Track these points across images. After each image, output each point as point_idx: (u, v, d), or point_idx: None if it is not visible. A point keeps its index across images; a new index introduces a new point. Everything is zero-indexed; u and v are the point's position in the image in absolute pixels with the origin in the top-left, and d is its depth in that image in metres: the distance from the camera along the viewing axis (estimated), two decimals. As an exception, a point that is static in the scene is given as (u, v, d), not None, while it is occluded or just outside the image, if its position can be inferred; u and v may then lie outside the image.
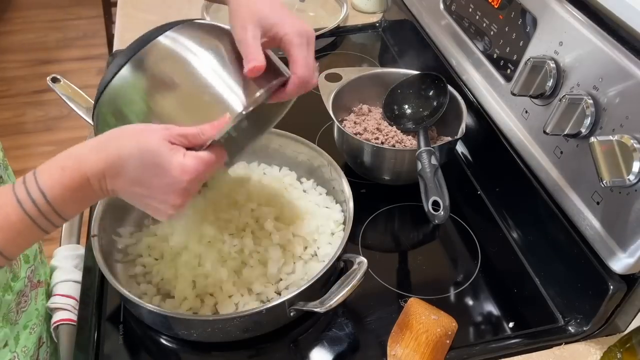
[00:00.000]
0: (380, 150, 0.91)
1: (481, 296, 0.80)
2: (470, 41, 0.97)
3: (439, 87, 0.96)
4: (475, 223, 0.90)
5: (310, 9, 1.45)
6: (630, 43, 0.66)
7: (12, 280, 0.75)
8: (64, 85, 0.88)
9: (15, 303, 0.75)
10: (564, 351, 0.74)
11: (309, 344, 0.74)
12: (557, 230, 0.77)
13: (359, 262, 0.71)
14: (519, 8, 0.83)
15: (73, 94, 0.88)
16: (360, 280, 0.69)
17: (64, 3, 3.50)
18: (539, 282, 0.81)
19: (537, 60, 0.75)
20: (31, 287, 0.80)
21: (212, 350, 0.75)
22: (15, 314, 0.75)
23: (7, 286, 0.73)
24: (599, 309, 0.72)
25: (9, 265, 0.74)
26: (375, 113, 1.01)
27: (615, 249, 0.67)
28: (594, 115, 0.67)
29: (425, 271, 0.85)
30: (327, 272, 0.72)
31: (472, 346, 0.74)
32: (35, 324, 0.80)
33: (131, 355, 0.75)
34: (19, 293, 0.76)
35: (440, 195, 0.80)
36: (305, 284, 0.70)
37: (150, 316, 0.74)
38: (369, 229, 0.90)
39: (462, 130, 0.90)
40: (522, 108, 0.82)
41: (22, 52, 3.10)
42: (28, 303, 0.78)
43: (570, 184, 0.74)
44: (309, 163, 0.92)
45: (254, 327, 0.72)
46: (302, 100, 1.00)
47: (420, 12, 1.16)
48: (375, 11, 1.43)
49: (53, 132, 2.60)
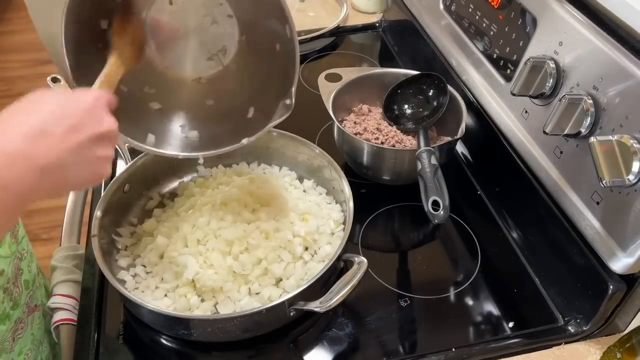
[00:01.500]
0: (380, 150, 0.91)
1: (481, 296, 0.80)
2: (470, 41, 0.97)
3: (438, 87, 0.96)
4: (475, 223, 0.90)
5: (310, 9, 1.45)
6: (630, 43, 0.66)
7: (11, 309, 0.73)
8: (64, 85, 0.88)
9: (12, 331, 0.74)
10: (563, 351, 0.74)
11: (309, 344, 0.74)
12: (557, 230, 0.77)
13: (359, 262, 0.72)
14: (518, 8, 0.83)
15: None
16: (359, 280, 0.69)
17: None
18: (538, 282, 0.81)
19: (537, 60, 0.75)
20: (28, 312, 0.78)
21: (212, 350, 0.75)
22: (10, 342, 0.74)
23: (3, 316, 0.72)
24: (598, 309, 0.72)
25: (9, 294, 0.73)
26: (375, 113, 1.01)
27: (615, 249, 0.67)
28: (593, 115, 0.67)
29: (425, 271, 0.85)
30: (327, 272, 0.72)
31: (472, 346, 0.74)
32: (30, 349, 0.78)
33: (131, 355, 0.75)
34: (17, 321, 0.75)
35: (440, 195, 0.80)
36: (305, 284, 0.70)
37: (151, 316, 0.74)
38: (369, 229, 0.90)
39: (462, 130, 0.90)
40: (522, 108, 0.82)
41: (23, 52, 3.09)
42: (24, 329, 0.77)
43: (570, 184, 0.74)
44: (309, 163, 0.92)
45: (254, 327, 0.72)
46: (302, 100, 1.01)
47: (420, 12, 1.16)
48: (375, 11, 1.43)
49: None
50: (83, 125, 0.53)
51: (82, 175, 0.55)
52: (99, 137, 0.55)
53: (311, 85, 1.17)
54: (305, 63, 1.28)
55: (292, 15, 0.68)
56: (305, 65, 1.28)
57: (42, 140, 0.50)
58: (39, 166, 0.50)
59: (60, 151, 0.51)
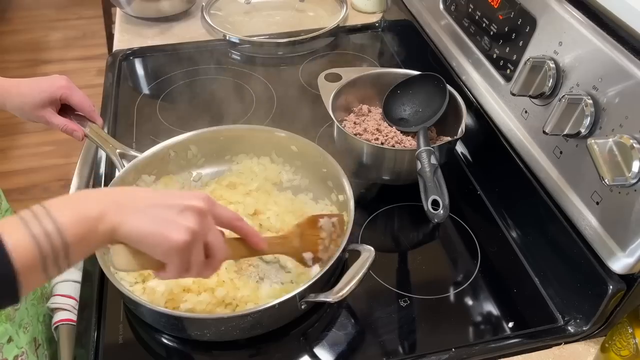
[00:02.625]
0: (380, 151, 0.91)
1: (481, 296, 0.80)
2: (470, 41, 0.97)
3: (438, 87, 0.96)
4: (475, 223, 0.90)
5: (310, 9, 1.45)
6: (630, 43, 0.66)
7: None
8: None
9: None
10: (563, 351, 0.74)
11: (309, 344, 0.74)
12: (556, 230, 0.77)
13: (368, 251, 0.72)
14: (518, 8, 0.83)
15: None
16: (369, 269, 0.70)
17: (64, 3, 3.50)
18: (538, 282, 0.81)
19: (536, 60, 0.75)
20: None
21: (212, 350, 0.75)
22: (12, 311, 0.76)
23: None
24: (598, 308, 0.72)
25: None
26: (375, 113, 1.01)
27: (614, 249, 0.67)
28: (593, 115, 0.68)
29: (425, 271, 0.85)
30: (334, 264, 0.73)
31: (472, 346, 0.74)
32: (28, 324, 0.80)
33: (131, 355, 0.75)
34: None
35: (439, 194, 0.80)
36: (315, 276, 0.70)
37: (156, 316, 0.73)
38: (369, 229, 0.90)
39: (462, 130, 0.90)
40: (522, 108, 0.82)
41: (23, 52, 3.10)
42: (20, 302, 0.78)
43: (570, 183, 0.74)
44: (310, 163, 0.92)
45: (266, 323, 0.72)
46: (302, 100, 1.01)
47: (420, 12, 1.16)
48: (375, 11, 1.43)
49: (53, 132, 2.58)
50: (160, 200, 0.56)
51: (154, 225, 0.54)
52: (173, 209, 0.56)
53: (311, 85, 1.17)
54: (305, 63, 1.28)
55: (292, 15, 0.68)
56: (305, 65, 1.28)
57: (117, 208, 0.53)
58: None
59: (126, 215, 0.53)
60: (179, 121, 1.09)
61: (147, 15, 1.39)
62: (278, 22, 1.40)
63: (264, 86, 1.20)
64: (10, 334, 0.75)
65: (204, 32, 1.36)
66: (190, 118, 1.08)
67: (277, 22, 1.40)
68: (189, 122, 1.04)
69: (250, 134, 0.94)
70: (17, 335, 0.76)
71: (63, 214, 0.49)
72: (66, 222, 0.49)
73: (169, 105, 1.15)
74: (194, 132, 0.92)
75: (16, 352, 0.75)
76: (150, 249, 0.55)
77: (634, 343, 0.64)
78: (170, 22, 1.39)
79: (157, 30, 1.37)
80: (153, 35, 1.35)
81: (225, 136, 0.93)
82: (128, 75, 1.25)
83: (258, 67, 1.26)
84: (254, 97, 1.17)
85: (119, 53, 1.29)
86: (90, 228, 0.50)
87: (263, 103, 1.15)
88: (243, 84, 1.21)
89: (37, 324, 0.83)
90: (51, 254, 0.48)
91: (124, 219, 0.52)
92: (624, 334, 0.65)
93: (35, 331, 0.82)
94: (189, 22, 1.40)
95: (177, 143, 0.90)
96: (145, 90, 1.21)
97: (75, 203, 0.52)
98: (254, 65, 1.27)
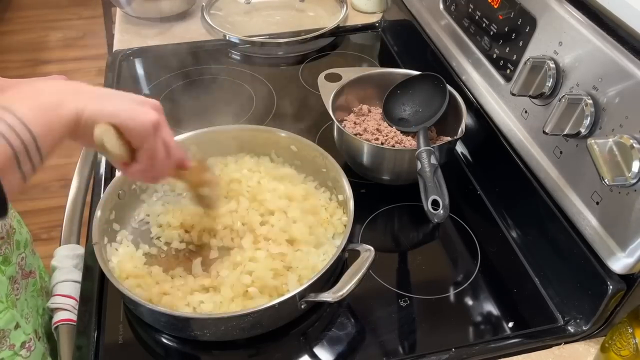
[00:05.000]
0: (380, 151, 0.91)
1: (481, 296, 0.80)
2: (470, 41, 0.97)
3: (438, 87, 0.96)
4: (475, 223, 0.90)
5: (310, 9, 1.46)
6: (630, 43, 0.66)
7: (2, 264, 0.76)
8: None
9: (12, 286, 0.77)
10: (563, 351, 0.74)
11: (309, 344, 0.74)
12: (556, 230, 0.77)
13: (367, 250, 0.72)
14: (518, 8, 0.83)
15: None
16: (369, 268, 0.70)
17: (64, 3, 3.50)
18: (538, 282, 0.81)
19: (536, 60, 0.75)
20: (22, 275, 0.81)
21: (212, 349, 0.75)
22: (14, 299, 0.77)
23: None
24: (598, 308, 0.72)
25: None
26: (375, 113, 1.01)
27: (614, 249, 0.67)
28: (593, 115, 0.68)
29: (425, 271, 0.85)
30: (334, 263, 0.73)
31: (472, 346, 0.74)
32: (28, 314, 0.81)
33: (131, 355, 0.75)
34: (11, 279, 0.77)
35: (439, 194, 0.80)
36: (315, 276, 0.70)
37: (156, 316, 0.73)
38: (369, 229, 0.90)
39: (462, 130, 0.90)
40: (522, 108, 0.82)
41: (22, 52, 3.10)
42: (20, 292, 0.80)
43: (570, 183, 0.74)
44: (310, 163, 0.92)
45: (265, 323, 0.72)
46: (302, 100, 1.01)
47: (420, 12, 1.16)
48: (375, 11, 1.43)
49: (53, 132, 2.60)
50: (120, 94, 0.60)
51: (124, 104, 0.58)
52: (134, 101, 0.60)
53: (311, 85, 1.17)
54: (305, 63, 1.28)
55: (292, 15, 0.68)
56: (305, 65, 1.28)
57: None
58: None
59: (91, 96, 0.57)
60: (179, 121, 1.09)
61: (147, 15, 1.39)
62: (278, 22, 1.40)
63: (264, 86, 1.20)
64: (17, 320, 0.76)
65: (204, 32, 1.36)
66: (190, 118, 1.07)
67: (277, 22, 1.40)
68: (189, 122, 1.04)
69: (250, 134, 0.94)
70: (23, 322, 0.77)
71: (23, 108, 0.50)
72: (28, 114, 0.50)
73: (169, 105, 1.15)
74: (194, 132, 0.92)
75: (24, 338, 0.76)
76: (125, 122, 0.57)
77: (634, 343, 0.64)
78: (170, 22, 1.39)
79: (157, 30, 1.37)
80: (153, 35, 1.35)
81: (225, 136, 0.93)
82: (128, 75, 1.25)
83: (258, 67, 1.26)
84: (254, 97, 1.17)
85: (119, 53, 1.29)
86: (53, 116, 0.52)
87: (263, 103, 1.15)
88: (243, 84, 1.21)
89: (37, 317, 0.84)
90: (22, 148, 0.49)
91: (87, 103, 0.55)
92: (624, 334, 0.65)
93: (35, 323, 0.82)
94: (189, 22, 1.40)
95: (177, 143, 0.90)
96: (145, 90, 1.21)
97: (31, 96, 0.53)
98: (254, 65, 1.27)
